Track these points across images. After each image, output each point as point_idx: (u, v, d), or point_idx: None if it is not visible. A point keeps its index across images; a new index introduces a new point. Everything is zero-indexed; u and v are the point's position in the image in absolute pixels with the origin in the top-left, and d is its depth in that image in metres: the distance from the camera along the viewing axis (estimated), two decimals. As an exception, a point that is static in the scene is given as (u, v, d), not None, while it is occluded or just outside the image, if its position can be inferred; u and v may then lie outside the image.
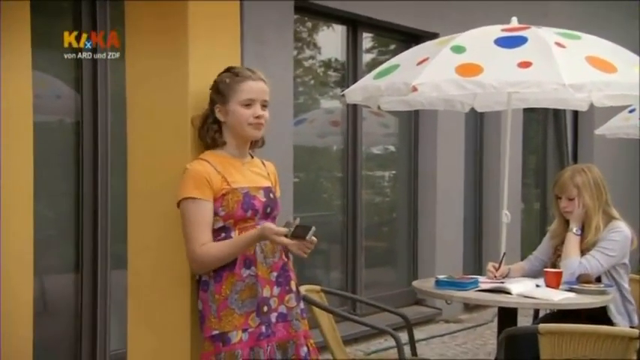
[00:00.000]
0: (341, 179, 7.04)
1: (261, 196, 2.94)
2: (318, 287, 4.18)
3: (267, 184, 3.01)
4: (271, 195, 3.00)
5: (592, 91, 3.98)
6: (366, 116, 7.12)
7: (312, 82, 7.18)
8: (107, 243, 5.07)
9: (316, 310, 3.95)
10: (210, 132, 2.94)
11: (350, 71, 6.92)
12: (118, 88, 5.01)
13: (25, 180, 3.58)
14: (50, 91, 5.06)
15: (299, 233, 2.74)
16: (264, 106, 2.94)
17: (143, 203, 3.15)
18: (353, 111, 6.93)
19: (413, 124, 7.60)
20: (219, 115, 2.93)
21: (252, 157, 3.04)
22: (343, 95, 4.72)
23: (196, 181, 2.84)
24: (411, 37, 7.19)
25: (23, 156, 3.57)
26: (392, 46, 7.55)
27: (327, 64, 7.17)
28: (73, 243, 5.03)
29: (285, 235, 2.75)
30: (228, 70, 2.97)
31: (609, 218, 4.19)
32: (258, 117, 2.91)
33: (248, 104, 2.91)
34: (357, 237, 7.00)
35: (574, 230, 4.15)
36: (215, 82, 2.96)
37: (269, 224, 2.83)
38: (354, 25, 6.95)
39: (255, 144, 3.04)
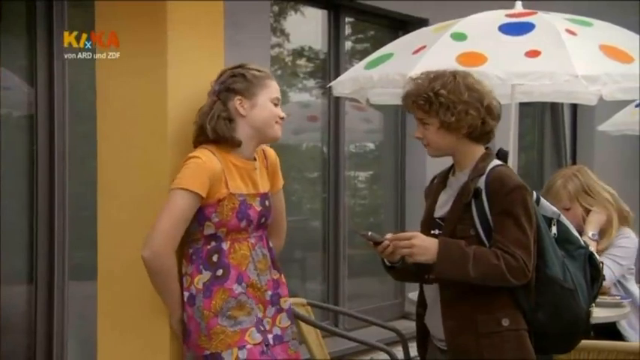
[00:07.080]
0: (321, 180, 6.99)
1: (257, 205, 2.93)
2: (304, 300, 4.18)
3: (265, 189, 3.01)
4: (267, 202, 3.00)
5: (607, 83, 3.96)
6: (347, 110, 7.07)
7: (286, 72, 7.11)
8: (65, 251, 4.99)
9: (303, 325, 3.95)
10: (219, 126, 2.87)
11: (332, 60, 6.83)
12: (76, 81, 4.97)
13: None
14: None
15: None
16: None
17: (116, 208, 3.10)
18: (335, 105, 6.86)
19: (400, 118, 7.57)
20: (239, 108, 2.90)
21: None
22: (329, 88, 4.69)
23: (198, 173, 2.81)
24: (397, 23, 7.15)
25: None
26: (371, 32, 7.50)
27: (303, 53, 7.09)
28: (27, 250, 4.95)
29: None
30: (241, 66, 2.98)
31: (622, 221, 4.21)
32: (282, 118, 3.00)
33: (276, 103, 2.99)
34: (339, 244, 6.93)
35: (590, 235, 4.12)
36: (234, 73, 2.94)
37: None
38: (337, 9, 6.89)
39: None
